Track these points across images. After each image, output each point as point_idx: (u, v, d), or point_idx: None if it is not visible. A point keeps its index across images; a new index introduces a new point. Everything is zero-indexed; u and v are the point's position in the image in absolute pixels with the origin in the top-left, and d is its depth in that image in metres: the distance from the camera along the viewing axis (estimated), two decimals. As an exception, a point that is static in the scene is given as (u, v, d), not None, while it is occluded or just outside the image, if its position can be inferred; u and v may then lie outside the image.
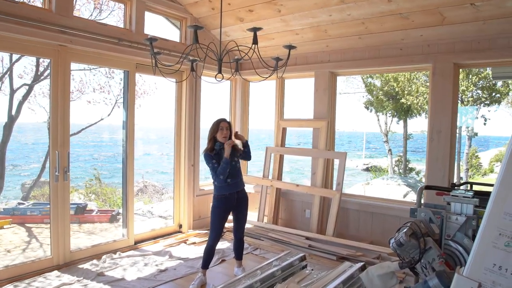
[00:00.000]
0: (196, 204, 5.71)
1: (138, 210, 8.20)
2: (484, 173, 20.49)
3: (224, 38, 5.59)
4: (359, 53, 5.06)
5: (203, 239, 5.19)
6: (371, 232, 5.04)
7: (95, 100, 10.21)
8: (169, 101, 7.08)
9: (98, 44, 4.30)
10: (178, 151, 5.58)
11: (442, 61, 4.42)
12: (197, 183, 5.71)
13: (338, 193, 5.04)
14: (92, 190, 10.85)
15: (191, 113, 5.51)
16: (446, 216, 2.69)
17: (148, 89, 11.83)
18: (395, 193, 12.23)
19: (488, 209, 1.46)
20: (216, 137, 3.74)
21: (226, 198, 3.73)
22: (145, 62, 4.84)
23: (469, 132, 15.62)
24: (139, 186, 12.82)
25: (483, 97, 13.66)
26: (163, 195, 12.55)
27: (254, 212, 5.98)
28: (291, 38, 5.17)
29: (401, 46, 4.71)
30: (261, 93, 18.46)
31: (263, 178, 5.89)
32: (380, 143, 39.39)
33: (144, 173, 20.09)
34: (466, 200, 2.64)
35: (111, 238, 5.12)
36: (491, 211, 1.44)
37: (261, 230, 5.40)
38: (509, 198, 1.43)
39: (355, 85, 19.26)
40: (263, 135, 44.73)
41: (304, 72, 5.60)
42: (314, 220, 5.26)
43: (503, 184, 1.44)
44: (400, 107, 15.12)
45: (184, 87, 5.49)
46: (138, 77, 10.75)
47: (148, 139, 37.19)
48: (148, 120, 42.93)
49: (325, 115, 5.36)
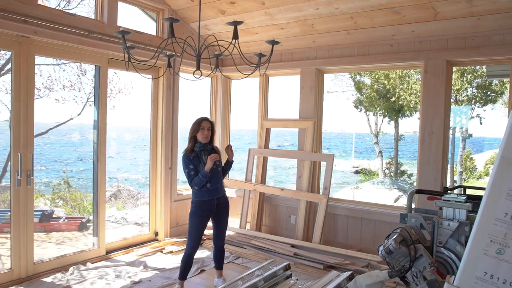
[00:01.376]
0: (174, 210, 5.66)
1: (111, 216, 8.09)
2: (479, 176, 20.80)
3: (204, 32, 5.57)
4: (347, 49, 5.10)
5: (181, 248, 5.15)
6: (360, 239, 5.08)
7: (64, 98, 10.01)
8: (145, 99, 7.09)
9: (66, 36, 4.23)
10: (154, 153, 5.53)
11: (435, 59, 4.49)
12: (174, 188, 5.66)
13: (325, 198, 5.07)
14: (60, 195, 10.65)
15: (169, 112, 5.47)
16: (437, 221, 2.72)
17: (123, 88, 11.67)
18: (386, 197, 12.38)
19: (479, 215, 1.48)
20: (197, 137, 3.72)
21: (205, 204, 3.71)
22: (118, 56, 4.79)
23: (463, 133, 15.89)
24: (112, 190, 12.64)
25: (478, 96, 13.90)
26: (139, 200, 12.40)
27: (236, 218, 5.96)
28: (276, 33, 5.18)
29: (392, 43, 4.76)
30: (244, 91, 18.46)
31: (246, 181, 5.88)
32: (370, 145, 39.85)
33: (118, 176, 19.86)
34: (458, 205, 2.68)
35: (80, 247, 5.04)
36: (481, 216, 1.46)
37: (243, 237, 5.39)
38: (500, 203, 1.45)
39: (344, 83, 19.49)
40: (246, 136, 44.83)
41: (289, 69, 5.61)
42: (300, 227, 5.27)
43: (493, 188, 1.46)
44: (391, 106, 15.31)
45: (160, 84, 5.44)
46: (113, 74, 10.63)
47: (122, 140, 36.78)
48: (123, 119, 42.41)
49: (311, 115, 5.38)
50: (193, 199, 3.75)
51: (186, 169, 3.68)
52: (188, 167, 3.66)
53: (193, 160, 3.68)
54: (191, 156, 3.68)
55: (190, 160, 3.67)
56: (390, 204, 7.92)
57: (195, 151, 3.70)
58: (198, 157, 3.69)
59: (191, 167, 3.66)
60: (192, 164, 3.67)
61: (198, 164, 3.68)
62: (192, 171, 3.66)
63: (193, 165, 3.67)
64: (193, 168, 3.66)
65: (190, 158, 3.67)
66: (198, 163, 3.68)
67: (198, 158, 3.69)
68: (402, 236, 2.55)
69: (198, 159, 3.69)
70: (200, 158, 3.69)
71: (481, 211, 1.47)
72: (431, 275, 2.48)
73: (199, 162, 3.69)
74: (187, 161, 3.67)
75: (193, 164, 3.67)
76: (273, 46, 2.94)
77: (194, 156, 3.69)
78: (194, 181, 3.64)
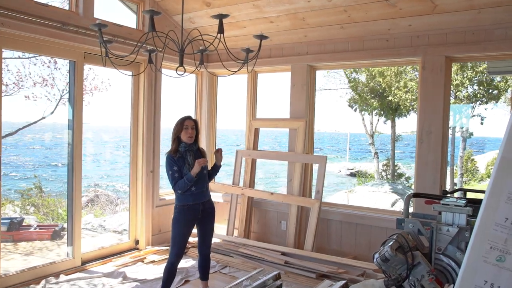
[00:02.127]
0: (156, 216, 5.63)
1: (87, 224, 8.02)
2: (480, 178, 20.89)
3: (189, 26, 5.55)
4: (341, 44, 5.13)
5: (164, 257, 5.12)
6: (355, 246, 5.11)
7: (35, 95, 9.89)
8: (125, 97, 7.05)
9: (37, 28, 4.17)
10: (134, 155, 5.49)
11: (433, 54, 4.53)
12: (156, 192, 5.63)
13: (317, 202, 5.08)
14: (31, 201, 10.52)
15: (150, 111, 5.44)
16: (436, 227, 2.75)
17: (100, 85, 11.57)
18: (382, 201, 12.48)
19: (478, 220, 1.49)
20: (180, 137, 3.71)
21: (190, 209, 3.70)
22: (95, 51, 4.75)
23: (464, 133, 16.02)
24: (89, 195, 12.53)
25: (479, 93, 13.97)
26: (118, 206, 12.31)
27: (223, 225, 5.95)
28: (265, 27, 5.19)
29: (388, 37, 4.80)
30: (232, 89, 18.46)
31: (233, 185, 5.87)
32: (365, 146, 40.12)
33: (95, 180, 19.69)
34: (458, 209, 2.71)
35: (53, 258, 4.98)
36: (481, 221, 1.48)
37: (231, 245, 5.38)
38: (500, 207, 1.47)
39: (337, 80, 19.55)
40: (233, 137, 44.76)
41: (279, 66, 5.62)
42: (291, 233, 5.28)
43: (493, 192, 1.48)
44: (388, 105, 15.42)
45: (141, 81, 5.41)
46: (89, 70, 10.53)
47: (100, 141, 36.47)
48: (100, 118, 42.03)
49: (303, 114, 5.40)
50: (177, 204, 3.73)
51: (169, 170, 3.65)
52: (172, 169, 3.64)
53: (178, 161, 3.65)
54: (175, 157, 3.66)
55: (175, 161, 3.65)
56: (387, 209, 7.99)
57: (180, 152, 3.68)
58: (183, 158, 3.68)
59: (175, 168, 3.64)
60: (176, 165, 3.64)
61: (182, 166, 3.66)
62: (176, 173, 3.64)
63: (177, 167, 3.64)
64: (177, 170, 3.64)
65: (175, 159, 3.65)
66: (183, 165, 3.66)
67: (183, 159, 3.67)
68: (399, 243, 2.57)
69: (183, 160, 3.67)
70: (185, 159, 3.67)
71: (480, 216, 1.48)
72: (430, 284, 2.50)
73: (184, 163, 3.66)
74: (171, 162, 3.64)
75: (177, 166, 3.65)
76: (261, 41, 2.94)
77: (179, 157, 3.67)
78: (178, 184, 3.62)
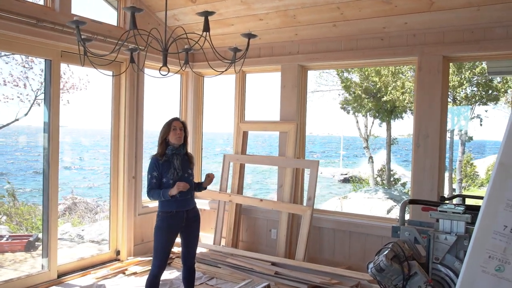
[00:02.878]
0: (138, 224, 5.60)
1: (65, 234, 7.95)
2: (481, 184, 21.01)
3: (173, 23, 5.55)
4: (333, 43, 5.16)
5: (147, 268, 5.09)
6: (349, 256, 5.13)
7: (7, 96, 9.76)
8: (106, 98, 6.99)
9: (9, 24, 4.12)
10: (115, 159, 5.46)
11: (430, 54, 4.58)
12: (139, 199, 5.60)
13: (309, 209, 5.10)
14: (4, 209, 10.38)
15: (132, 113, 5.41)
16: (433, 235, 2.76)
17: (78, 83, 11.46)
18: (378, 208, 12.55)
19: (476, 228, 1.51)
20: (168, 139, 3.70)
21: (173, 216, 3.68)
22: (73, 49, 4.71)
23: (463, 136, 16.14)
24: (66, 203, 12.41)
25: (478, 94, 14.07)
26: (98, 214, 12.22)
27: (209, 234, 5.94)
28: (253, 25, 5.21)
29: (382, 36, 4.84)
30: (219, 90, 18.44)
31: (220, 192, 5.86)
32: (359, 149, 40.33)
33: (73, 187, 19.49)
34: (456, 217, 2.73)
35: (27, 271, 4.93)
36: (479, 230, 1.49)
37: (218, 255, 5.37)
38: (498, 214, 1.48)
39: (330, 81, 19.62)
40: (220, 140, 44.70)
41: (269, 66, 5.64)
42: (282, 242, 5.29)
43: (491, 198, 1.49)
44: (383, 107, 15.51)
45: (123, 82, 5.39)
46: (65, 68, 10.43)
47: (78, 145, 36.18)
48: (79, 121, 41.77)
49: (293, 116, 5.42)
50: (159, 211, 3.72)
51: (149, 174, 3.66)
52: (152, 173, 3.64)
53: (162, 166, 3.65)
54: (160, 161, 3.65)
55: (158, 166, 3.64)
56: (382, 216, 8.04)
57: (166, 155, 3.68)
58: (169, 162, 3.67)
59: (154, 174, 3.64)
60: (157, 171, 3.64)
61: (167, 171, 3.64)
62: (154, 178, 3.64)
63: (158, 173, 3.64)
64: (157, 176, 3.64)
65: (159, 164, 3.65)
66: (168, 169, 3.65)
67: (169, 163, 3.67)
68: (394, 252, 2.59)
69: (168, 164, 3.66)
70: (171, 163, 3.67)
71: (478, 223, 1.49)
72: (427, 295, 2.52)
73: (169, 168, 3.65)
74: (154, 166, 3.65)
75: (158, 171, 3.64)
76: (249, 39, 2.94)
77: (164, 161, 3.66)
78: (152, 192, 3.63)
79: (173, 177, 3.63)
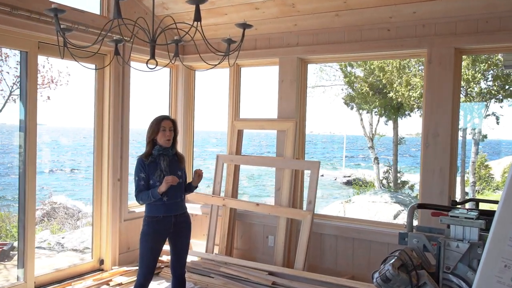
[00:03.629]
0: (124, 231, 5.58)
1: (43, 242, 7.92)
2: (496, 187, 20.97)
3: (162, 12, 5.53)
4: (335, 34, 5.16)
5: (133, 278, 5.07)
6: (352, 264, 5.13)
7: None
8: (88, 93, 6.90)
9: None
10: (99, 161, 5.44)
11: (441, 46, 4.57)
12: (125, 203, 5.58)
13: (309, 214, 5.09)
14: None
15: (117, 110, 5.39)
16: (444, 242, 2.76)
17: (58, 78, 11.41)
18: (383, 213, 12.56)
19: (491, 235, 1.50)
20: (156, 139, 3.71)
21: (160, 222, 3.69)
22: (52, 40, 4.68)
23: (476, 135, 16.13)
24: (45, 209, 12.38)
25: (493, 90, 14.02)
26: (79, 220, 12.21)
27: (201, 241, 5.93)
28: (249, 14, 5.19)
29: (389, 26, 4.84)
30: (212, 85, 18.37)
31: (213, 195, 5.85)
32: (364, 150, 40.42)
33: (52, 191, 19.44)
34: (469, 222, 2.72)
35: (0, 283, 4.89)
36: (493, 237, 1.48)
37: (211, 264, 5.36)
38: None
39: (332, 75, 19.63)
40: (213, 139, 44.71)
41: (266, 59, 5.64)
42: (280, 250, 5.28)
43: (507, 203, 1.48)
44: (389, 104, 15.52)
45: (107, 76, 5.37)
46: (44, 61, 10.38)
47: (59, 145, 36.11)
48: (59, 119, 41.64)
49: (292, 113, 5.41)
50: (146, 215, 3.73)
51: (136, 176, 3.69)
52: (139, 175, 3.67)
53: (148, 167, 3.66)
54: (146, 162, 3.67)
55: (144, 166, 3.66)
56: (388, 222, 8.05)
57: (152, 155, 3.69)
58: (155, 163, 3.68)
59: (142, 175, 3.66)
60: (144, 172, 3.66)
61: (153, 172, 3.66)
62: (142, 180, 3.65)
63: (145, 173, 3.66)
64: (144, 177, 3.66)
65: (145, 164, 3.67)
66: (154, 171, 3.66)
67: (156, 164, 3.68)
68: (402, 260, 2.58)
69: (155, 165, 3.67)
70: (158, 165, 3.68)
71: (493, 230, 1.48)
72: (437, 307, 2.52)
73: (155, 169, 3.67)
74: (140, 167, 3.67)
75: (145, 172, 3.66)
76: (244, 30, 2.93)
77: (150, 162, 3.67)
78: (141, 195, 3.64)
79: (159, 179, 3.64)
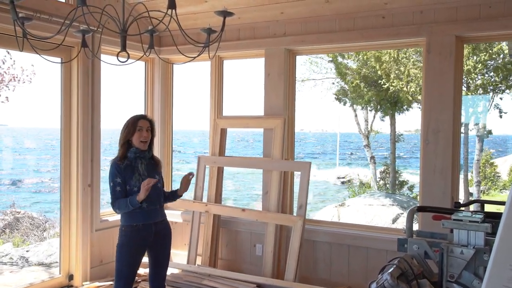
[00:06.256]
0: (96, 242, 5.54)
1: (4, 256, 7.85)
2: (502, 186, 21.10)
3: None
4: (326, 23, 5.17)
5: (106, 295, 5.05)
6: (347, 274, 5.14)
7: None
8: (55, 91, 6.79)
9: None
10: (67, 164, 5.39)
11: (440, 34, 4.60)
12: (96, 212, 5.54)
13: (300, 220, 5.10)
14: None
15: (86, 108, 5.35)
16: (447, 249, 2.77)
17: (20, 74, 11.28)
18: (381, 217, 12.64)
19: (497, 240, 1.50)
20: (132, 141, 3.68)
21: (139, 231, 3.67)
22: (9, 31, 4.62)
23: (480, 131, 16.24)
24: (6, 219, 12.26)
25: (496, 81, 14.13)
26: (46, 231, 12.11)
27: (182, 251, 5.91)
28: (231, 1, 5.17)
29: (384, 13, 4.86)
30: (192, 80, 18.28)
31: (195, 201, 5.83)
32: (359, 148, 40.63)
33: (14, 199, 19.26)
34: (474, 226, 2.73)
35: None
36: (500, 241, 1.48)
37: (193, 276, 5.35)
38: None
39: (323, 68, 19.64)
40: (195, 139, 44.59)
41: (250, 50, 5.64)
42: (268, 259, 5.28)
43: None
44: (385, 97, 15.57)
45: (74, 71, 5.33)
46: (4, 56, 10.27)
47: (22, 148, 35.77)
48: (22, 119, 41.26)
49: (280, 110, 5.41)
50: (123, 225, 3.69)
51: (110, 182, 3.64)
52: (114, 180, 3.62)
53: (125, 171, 3.63)
54: (122, 165, 3.64)
55: (120, 171, 3.63)
56: (386, 227, 8.09)
57: (128, 158, 3.66)
58: (131, 167, 3.65)
59: (117, 180, 3.61)
60: (120, 177, 3.62)
61: (130, 177, 3.63)
62: (118, 186, 3.61)
63: (121, 178, 3.62)
64: (120, 183, 3.61)
65: (120, 168, 3.63)
66: (131, 175, 3.64)
67: (132, 167, 3.65)
68: (401, 269, 2.59)
69: (131, 169, 3.65)
70: (135, 168, 3.66)
71: (499, 234, 1.48)
72: (440, 320, 2.53)
73: (132, 173, 3.65)
74: (115, 171, 3.62)
75: (121, 177, 3.62)
76: (225, 18, 2.91)
77: (126, 166, 3.64)
78: (118, 203, 3.59)
79: (138, 184, 3.60)
